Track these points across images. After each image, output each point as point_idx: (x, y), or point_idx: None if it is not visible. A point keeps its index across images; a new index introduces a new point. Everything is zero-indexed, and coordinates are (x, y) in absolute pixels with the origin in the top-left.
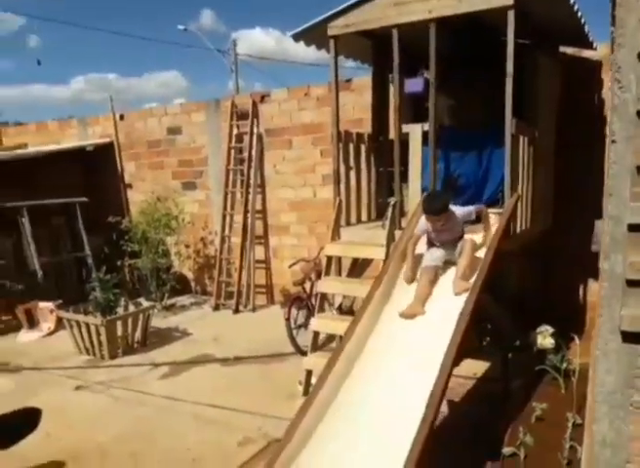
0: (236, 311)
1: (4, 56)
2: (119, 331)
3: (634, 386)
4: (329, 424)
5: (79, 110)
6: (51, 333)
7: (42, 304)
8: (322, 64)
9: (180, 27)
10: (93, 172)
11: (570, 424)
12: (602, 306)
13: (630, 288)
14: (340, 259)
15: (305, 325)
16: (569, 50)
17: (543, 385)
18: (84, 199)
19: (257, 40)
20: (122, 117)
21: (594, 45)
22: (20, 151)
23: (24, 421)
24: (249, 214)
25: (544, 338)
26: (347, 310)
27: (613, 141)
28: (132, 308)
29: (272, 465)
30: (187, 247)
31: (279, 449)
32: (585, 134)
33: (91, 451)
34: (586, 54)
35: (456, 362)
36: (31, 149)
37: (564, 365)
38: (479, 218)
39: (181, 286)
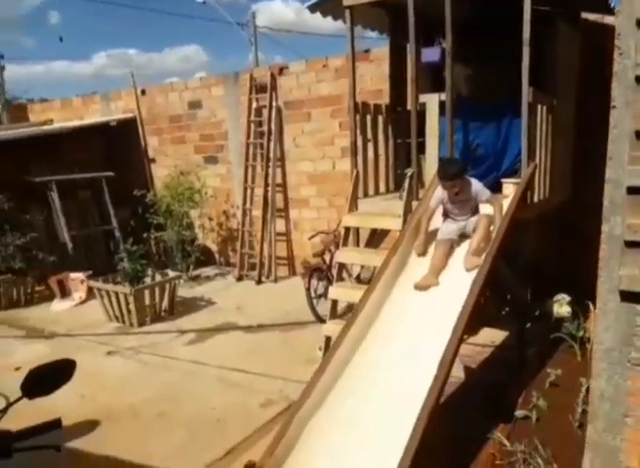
0: (259, 282)
1: (26, 33)
2: (147, 300)
3: (632, 344)
4: (346, 382)
5: (101, 86)
6: (82, 303)
7: (73, 275)
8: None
9: (199, 0)
10: (116, 146)
11: (583, 389)
12: (601, 267)
13: (628, 248)
14: (357, 231)
15: (325, 295)
16: (591, 16)
17: (559, 353)
18: (110, 173)
19: (276, 12)
20: (144, 92)
21: (616, 10)
22: (46, 127)
23: (61, 371)
24: (269, 188)
25: (561, 307)
26: (366, 281)
27: (613, 107)
28: (159, 278)
29: (292, 418)
30: (211, 220)
31: (299, 404)
32: (605, 103)
33: (122, 412)
34: (609, 20)
35: (468, 326)
36: (57, 125)
37: (580, 332)
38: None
39: (206, 257)
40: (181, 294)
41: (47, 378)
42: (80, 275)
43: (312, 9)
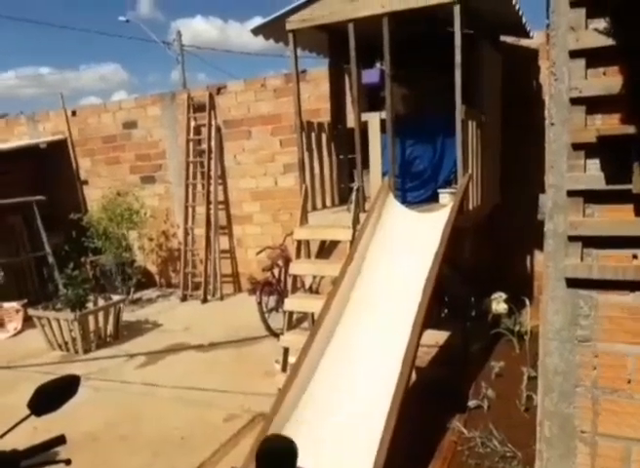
0: (204, 301)
1: None
2: (91, 326)
3: (578, 323)
4: (315, 388)
5: (12, 107)
6: (17, 333)
7: (7, 305)
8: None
9: (122, 19)
10: (46, 169)
11: (525, 377)
12: (548, 259)
13: (571, 242)
14: (308, 244)
15: (276, 308)
16: (508, 39)
17: (500, 346)
18: (41, 197)
19: (199, 29)
20: (74, 113)
21: (531, 34)
22: None
23: (66, 387)
24: (211, 206)
25: (498, 304)
26: (316, 290)
27: (552, 124)
28: (101, 303)
29: (269, 424)
30: (151, 240)
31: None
32: (526, 116)
33: (81, 439)
34: (524, 42)
35: (425, 324)
36: None
37: (517, 327)
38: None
39: (146, 279)
40: (125, 318)
41: (53, 395)
42: (14, 304)
43: (255, 32)
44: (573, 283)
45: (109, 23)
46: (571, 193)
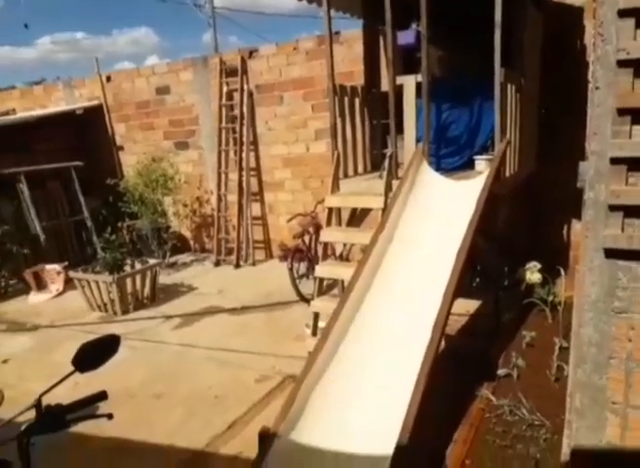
0: (237, 266)
1: None
2: (129, 288)
3: (614, 295)
4: (348, 347)
5: (49, 72)
6: (59, 294)
7: (49, 267)
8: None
9: None
10: (83, 135)
11: (557, 348)
12: (587, 229)
13: (612, 212)
14: (339, 211)
15: (307, 275)
16: None
17: (532, 316)
18: (79, 163)
19: None
20: (109, 79)
21: None
22: (9, 117)
23: (107, 346)
24: (244, 172)
25: (532, 274)
26: (346, 258)
27: (596, 88)
28: (138, 266)
29: (300, 384)
30: (185, 206)
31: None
32: (567, 79)
33: (119, 395)
34: (569, 0)
35: (456, 291)
36: (20, 114)
37: (550, 297)
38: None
39: (181, 244)
40: (161, 281)
41: (95, 353)
42: (56, 267)
43: None
44: (612, 253)
45: None
46: (614, 160)
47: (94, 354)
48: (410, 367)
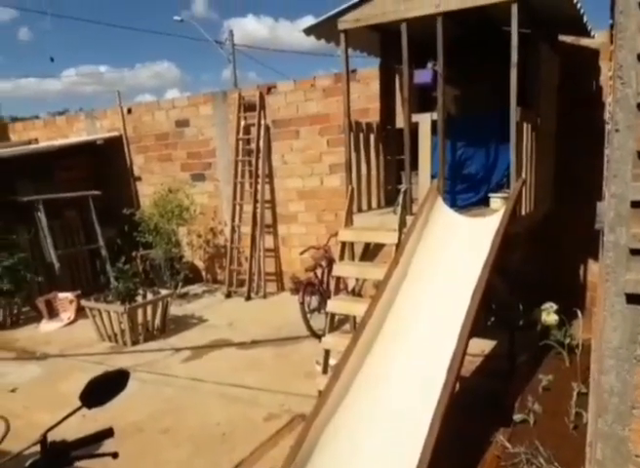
0: (248, 298)
1: None
2: (140, 319)
3: (637, 341)
4: (359, 388)
5: (72, 103)
6: (71, 323)
7: (61, 295)
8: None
9: (177, 18)
10: (102, 164)
11: (575, 393)
12: (608, 273)
13: (633, 256)
14: (352, 245)
15: (318, 309)
16: (568, 38)
17: (548, 359)
18: (97, 192)
19: (249, 28)
20: (130, 111)
21: (592, 33)
22: (32, 146)
23: (116, 381)
24: (258, 204)
25: (548, 315)
26: (358, 293)
27: (616, 130)
28: (150, 296)
29: (310, 424)
30: (199, 237)
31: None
32: (583, 119)
33: (126, 429)
34: (585, 42)
35: (471, 333)
36: (43, 144)
37: (567, 339)
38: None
39: (193, 275)
40: (172, 312)
41: (103, 389)
42: (69, 295)
43: (307, 32)
44: (634, 299)
45: (164, 23)
46: (635, 204)
47: (102, 389)
48: (423, 410)
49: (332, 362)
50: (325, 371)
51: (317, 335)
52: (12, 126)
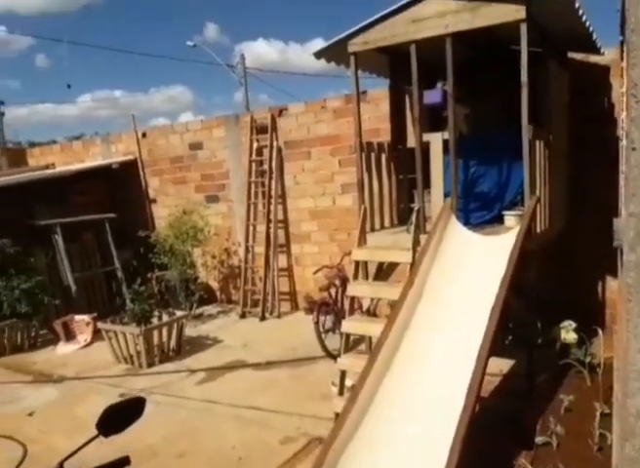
0: (262, 318)
1: (13, 76)
2: (155, 340)
3: None
4: (378, 410)
5: (88, 127)
6: (87, 345)
7: (78, 317)
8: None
9: (190, 44)
10: (118, 187)
11: (598, 414)
12: (630, 293)
13: None
14: (366, 264)
15: (333, 329)
16: (577, 56)
17: (569, 378)
18: (113, 215)
19: (260, 52)
20: (144, 135)
21: (602, 50)
22: (49, 171)
23: (132, 409)
24: (271, 224)
25: (567, 333)
26: (373, 313)
27: (633, 149)
28: (165, 318)
29: (328, 448)
30: (213, 257)
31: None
32: (595, 135)
33: (142, 453)
34: (594, 59)
35: (490, 354)
36: (60, 169)
37: (588, 358)
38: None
39: (208, 295)
40: (187, 333)
41: (120, 416)
42: (85, 317)
43: (317, 56)
44: None
45: (178, 48)
46: None
47: (118, 417)
48: (443, 433)
49: (348, 383)
50: (341, 393)
51: (332, 356)
52: (30, 151)
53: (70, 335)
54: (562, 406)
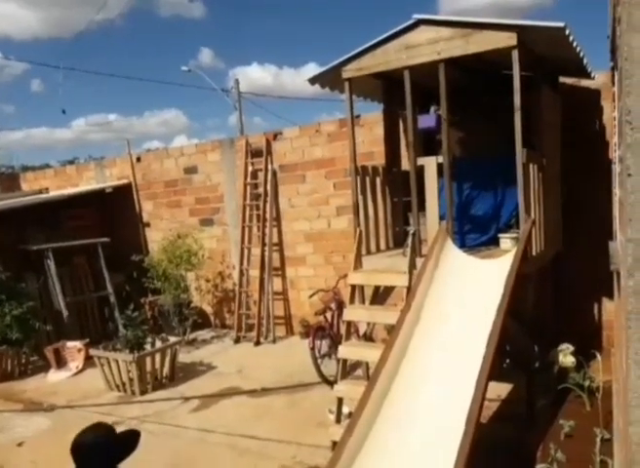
0: (257, 343)
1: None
2: (148, 367)
3: None
4: (376, 438)
5: (82, 151)
6: (79, 372)
7: (70, 344)
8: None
9: (185, 68)
10: (111, 211)
11: (598, 440)
12: (629, 319)
13: None
14: (362, 288)
15: (329, 354)
16: (568, 80)
17: (568, 403)
18: (106, 239)
19: (254, 76)
20: (139, 159)
21: (592, 75)
22: (42, 195)
23: (128, 443)
24: (266, 247)
25: (565, 356)
26: (369, 337)
27: (629, 175)
28: (158, 344)
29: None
30: (207, 281)
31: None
32: (587, 158)
33: None
34: (585, 83)
35: (489, 380)
36: (53, 193)
37: (587, 382)
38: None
39: (202, 320)
40: (180, 359)
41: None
42: (77, 344)
43: (312, 81)
44: None
45: (172, 73)
46: None
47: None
48: (443, 462)
49: (345, 410)
50: (338, 421)
51: (329, 382)
52: (23, 175)
53: (62, 362)
54: (562, 431)
